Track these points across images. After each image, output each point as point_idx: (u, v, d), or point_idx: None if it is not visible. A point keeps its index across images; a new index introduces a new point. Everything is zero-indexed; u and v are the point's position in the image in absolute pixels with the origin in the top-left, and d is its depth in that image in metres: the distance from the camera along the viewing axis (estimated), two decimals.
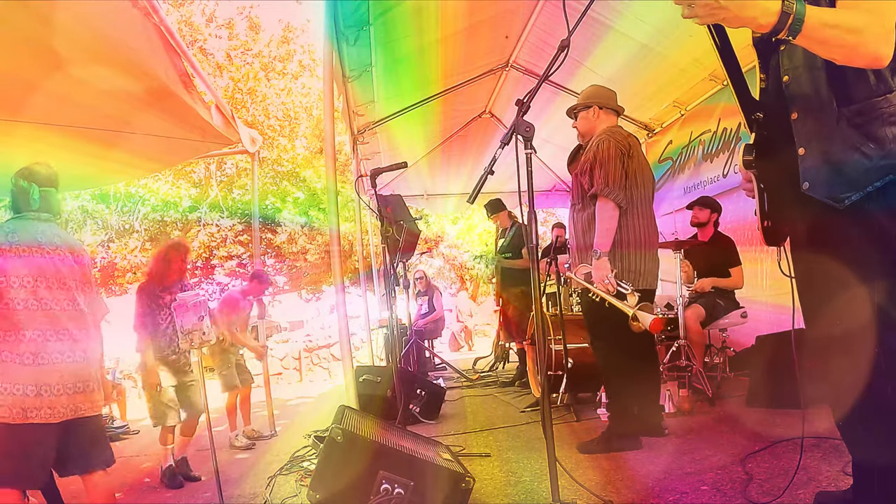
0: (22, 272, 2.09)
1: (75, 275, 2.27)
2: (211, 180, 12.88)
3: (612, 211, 2.76)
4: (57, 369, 2.11)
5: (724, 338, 4.17)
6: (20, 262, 2.09)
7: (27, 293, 2.09)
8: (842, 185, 1.38)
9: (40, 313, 2.11)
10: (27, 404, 2.02)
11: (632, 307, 2.51)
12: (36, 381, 2.05)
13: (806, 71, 1.45)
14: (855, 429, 1.56)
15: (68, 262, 2.26)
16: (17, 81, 2.64)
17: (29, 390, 2.03)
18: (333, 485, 1.96)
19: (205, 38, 12.62)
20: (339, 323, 2.81)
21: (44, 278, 2.15)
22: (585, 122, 3.04)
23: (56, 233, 2.29)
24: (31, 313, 2.09)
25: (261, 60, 13.22)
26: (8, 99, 2.81)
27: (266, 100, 13.17)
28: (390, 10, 3.64)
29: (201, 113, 3.12)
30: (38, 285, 2.13)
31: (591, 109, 3.01)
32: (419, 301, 7.81)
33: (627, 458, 2.64)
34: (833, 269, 1.46)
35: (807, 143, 1.44)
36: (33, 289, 2.11)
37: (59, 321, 2.16)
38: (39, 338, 2.09)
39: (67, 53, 2.41)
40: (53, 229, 2.29)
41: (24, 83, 2.67)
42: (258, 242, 5.73)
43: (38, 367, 2.06)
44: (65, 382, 2.12)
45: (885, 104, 1.35)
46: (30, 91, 2.76)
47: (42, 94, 2.80)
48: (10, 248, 2.08)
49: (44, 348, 2.09)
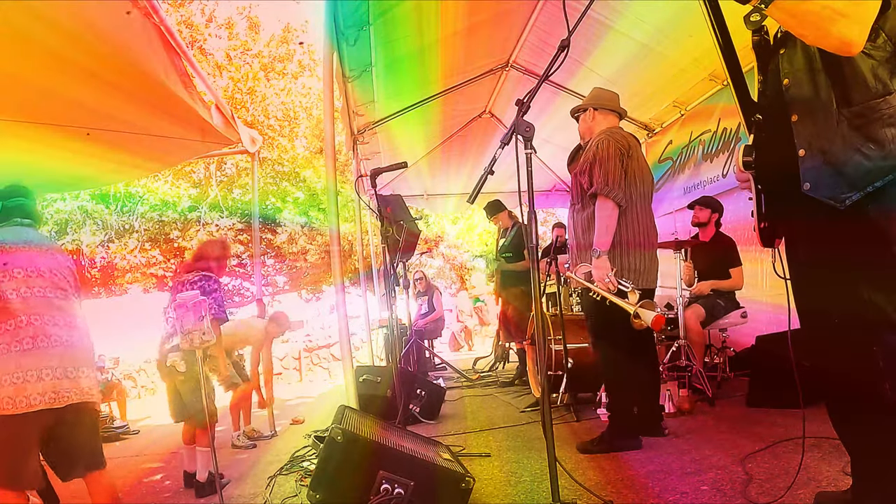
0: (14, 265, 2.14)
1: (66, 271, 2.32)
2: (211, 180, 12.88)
3: (612, 210, 2.77)
4: (57, 352, 2.11)
5: (724, 338, 4.17)
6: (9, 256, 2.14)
7: (19, 283, 2.12)
8: (842, 185, 1.38)
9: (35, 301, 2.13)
10: (29, 391, 2.01)
11: (633, 305, 2.51)
12: (37, 365, 2.04)
13: (806, 74, 1.45)
14: (854, 428, 1.56)
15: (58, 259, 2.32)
16: (18, 81, 2.64)
17: (30, 375, 2.02)
18: (333, 485, 1.96)
19: (204, 39, 12.62)
20: (339, 323, 2.80)
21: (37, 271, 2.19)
22: (583, 124, 3.10)
23: (39, 234, 2.36)
24: (25, 301, 2.11)
25: (260, 60, 13.23)
26: (8, 99, 2.82)
27: (266, 100, 13.18)
28: (390, 10, 3.64)
29: (201, 113, 3.13)
30: (31, 276, 2.16)
31: (588, 112, 3.07)
32: (419, 301, 7.81)
33: (627, 458, 2.64)
34: (832, 268, 1.46)
35: (807, 145, 1.45)
36: (26, 279, 2.14)
37: (55, 308, 2.18)
38: (37, 321, 2.10)
39: (67, 53, 2.41)
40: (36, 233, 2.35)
41: (24, 83, 2.67)
42: (258, 242, 5.74)
43: (38, 350, 2.07)
44: (65, 365, 2.12)
45: (884, 106, 1.35)
46: (30, 91, 2.76)
47: (42, 94, 2.80)
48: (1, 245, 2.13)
49: (42, 331, 2.10)
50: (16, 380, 2.00)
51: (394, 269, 3.94)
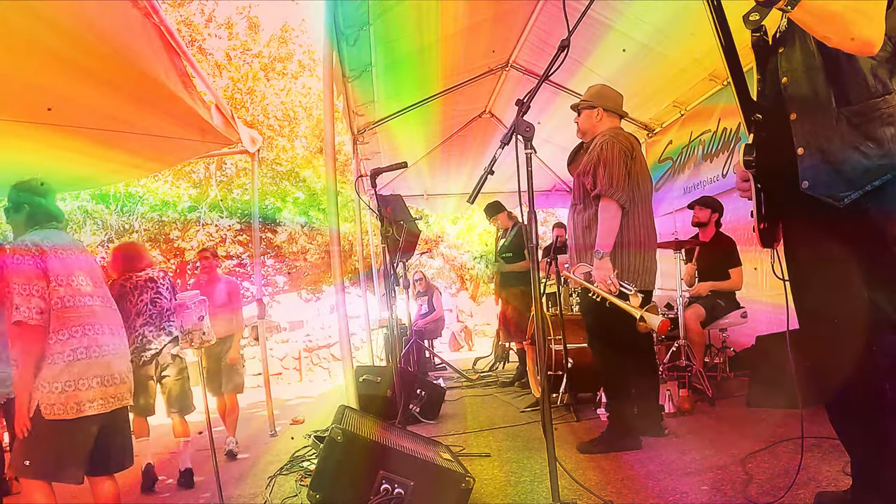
0: (64, 273, 2.18)
1: (100, 274, 2.40)
2: (211, 180, 12.86)
3: (616, 211, 2.77)
4: (105, 361, 2.20)
5: (724, 338, 4.17)
6: (60, 263, 2.18)
7: (72, 291, 2.19)
8: (841, 183, 1.39)
9: (85, 309, 2.21)
10: (81, 398, 2.10)
11: (637, 308, 2.51)
12: (88, 373, 2.13)
13: (804, 72, 1.46)
14: (853, 428, 1.56)
15: (91, 262, 2.38)
16: (18, 81, 2.64)
17: (81, 384, 2.11)
18: (333, 485, 1.96)
19: (204, 38, 12.61)
20: (339, 323, 2.80)
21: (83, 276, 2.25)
22: (588, 122, 3.03)
23: (73, 239, 2.43)
24: (77, 310, 2.18)
25: (260, 60, 13.21)
26: (8, 99, 2.81)
27: (265, 100, 13.17)
28: (390, 10, 3.64)
29: (201, 113, 3.12)
30: (80, 284, 2.23)
31: (596, 111, 3.00)
32: (419, 301, 7.81)
33: (627, 458, 2.65)
34: (831, 267, 1.46)
35: (806, 143, 1.45)
36: (77, 287, 2.21)
37: (100, 315, 2.26)
38: (90, 332, 2.18)
39: (67, 53, 2.41)
40: (69, 236, 2.41)
41: (24, 83, 2.67)
42: (258, 242, 5.73)
43: (91, 359, 2.15)
44: (112, 373, 2.21)
45: (883, 105, 1.36)
46: (30, 91, 2.76)
47: (42, 94, 2.80)
48: (50, 250, 2.16)
49: (95, 341, 2.18)
50: (67, 387, 2.08)
51: (394, 269, 3.94)
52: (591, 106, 3.02)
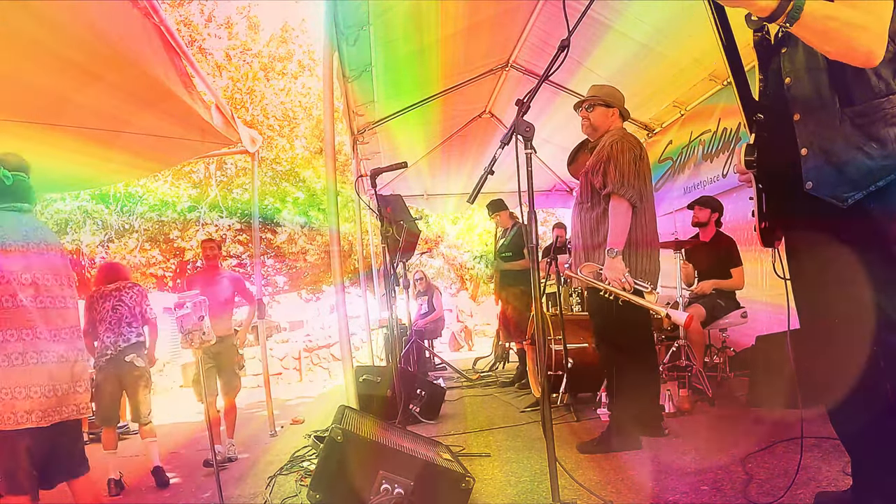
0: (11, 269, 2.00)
1: (63, 272, 2.22)
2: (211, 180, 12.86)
3: (627, 209, 2.78)
4: (46, 370, 2.02)
5: (724, 338, 4.16)
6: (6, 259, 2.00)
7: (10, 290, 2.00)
8: (845, 184, 1.38)
9: (25, 311, 2.01)
10: (17, 408, 1.94)
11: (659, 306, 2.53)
12: (26, 382, 1.97)
13: (808, 73, 1.45)
14: (854, 429, 1.56)
15: (54, 259, 2.20)
16: (17, 81, 2.64)
17: (17, 392, 1.94)
18: (333, 485, 1.96)
19: (203, 38, 12.62)
20: (339, 323, 2.80)
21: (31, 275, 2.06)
22: (602, 119, 3.02)
23: (38, 226, 2.21)
24: (15, 311, 2.00)
25: (260, 60, 13.22)
26: (8, 99, 2.81)
27: (265, 100, 13.18)
28: (390, 10, 3.64)
29: (201, 113, 3.12)
30: (22, 281, 2.03)
31: (612, 110, 3.01)
32: (419, 301, 7.81)
33: (627, 458, 2.64)
34: (833, 268, 1.46)
35: (809, 144, 1.45)
36: (16, 286, 2.01)
37: (49, 319, 2.08)
38: (27, 336, 2.00)
39: (67, 53, 2.41)
40: (35, 223, 2.20)
41: (24, 83, 2.67)
42: (258, 242, 5.73)
43: (28, 366, 1.98)
44: (54, 383, 2.04)
45: (887, 105, 1.35)
46: (30, 91, 2.76)
47: (42, 94, 2.80)
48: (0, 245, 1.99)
49: (32, 346, 2.00)
50: (4, 395, 1.93)
51: (394, 269, 3.94)
52: (607, 105, 3.01)
